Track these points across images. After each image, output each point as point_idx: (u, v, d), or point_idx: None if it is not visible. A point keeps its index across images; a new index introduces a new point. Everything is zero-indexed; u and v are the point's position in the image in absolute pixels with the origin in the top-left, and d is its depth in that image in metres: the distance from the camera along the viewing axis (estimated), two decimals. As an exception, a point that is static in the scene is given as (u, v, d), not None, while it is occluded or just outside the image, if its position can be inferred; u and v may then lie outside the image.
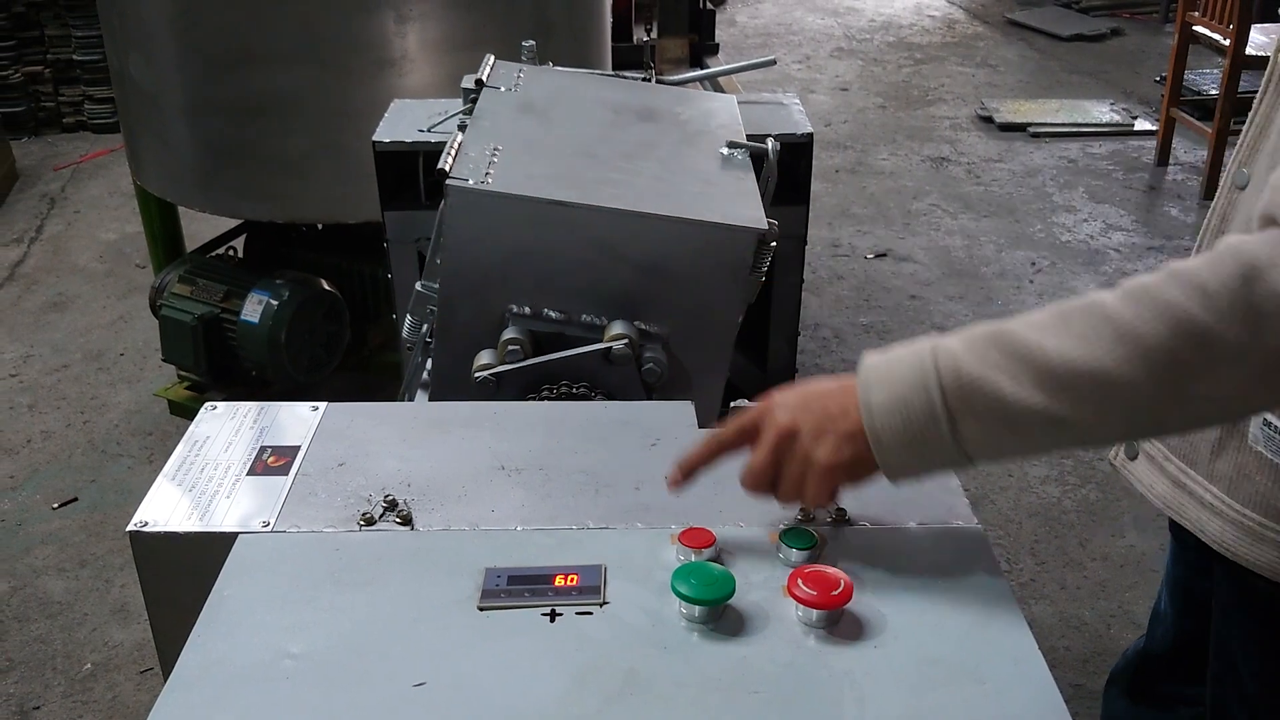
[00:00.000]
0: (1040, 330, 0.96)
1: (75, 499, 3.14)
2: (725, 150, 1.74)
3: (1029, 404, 0.94)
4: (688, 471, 1.10)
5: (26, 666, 2.58)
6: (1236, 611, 1.37)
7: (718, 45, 5.34)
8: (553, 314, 1.56)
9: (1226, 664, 1.41)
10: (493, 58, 1.96)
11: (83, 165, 5.48)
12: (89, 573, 2.86)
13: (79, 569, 2.88)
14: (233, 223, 3.59)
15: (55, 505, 3.11)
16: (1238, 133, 4.86)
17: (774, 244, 1.53)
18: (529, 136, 1.72)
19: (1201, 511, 1.30)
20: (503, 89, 1.86)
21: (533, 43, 2.10)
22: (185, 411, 3.28)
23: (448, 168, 1.51)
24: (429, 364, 1.80)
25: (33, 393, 3.65)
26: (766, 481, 1.05)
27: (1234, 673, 1.40)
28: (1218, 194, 1.34)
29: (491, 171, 1.53)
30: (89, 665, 2.58)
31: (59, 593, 2.80)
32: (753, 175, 1.69)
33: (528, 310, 1.55)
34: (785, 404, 1.05)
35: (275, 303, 3.12)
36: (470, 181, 1.50)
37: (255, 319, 3.12)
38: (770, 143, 1.76)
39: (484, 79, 1.87)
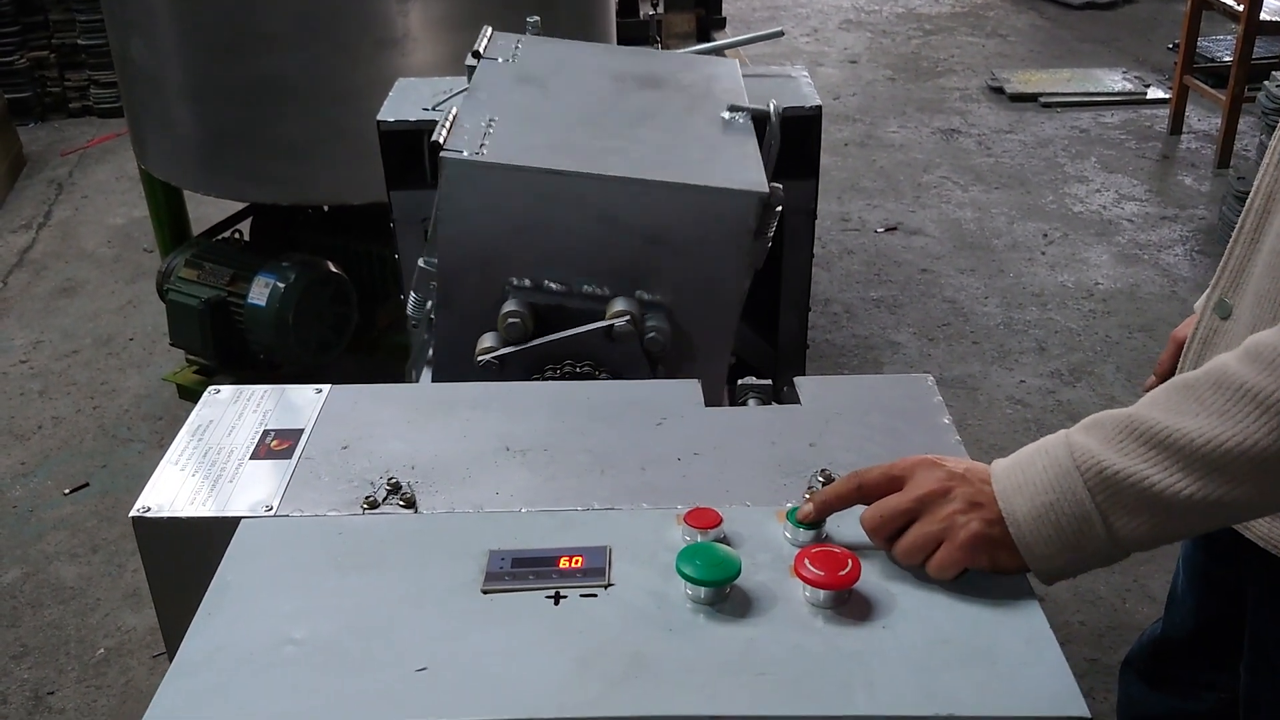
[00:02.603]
0: (1173, 412, 0.93)
1: (86, 484, 3.14)
2: (727, 114, 1.71)
3: (1183, 492, 0.91)
4: (823, 509, 1.04)
5: (40, 652, 2.59)
6: (1275, 603, 1.34)
7: (724, 19, 5.29)
8: (553, 285, 1.54)
9: (1261, 655, 1.38)
10: (490, 29, 1.93)
11: (89, 150, 5.48)
12: (101, 558, 2.87)
13: (91, 554, 2.88)
14: (239, 206, 3.58)
15: (67, 491, 3.12)
16: (1252, 99, 4.84)
17: (779, 208, 1.50)
18: (527, 107, 1.69)
19: None
20: (500, 60, 1.84)
21: (536, 19, 2.07)
22: (194, 396, 3.25)
23: (441, 140, 1.50)
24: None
25: (43, 379, 3.66)
26: (893, 528, 1.00)
27: (1269, 663, 1.37)
28: (1198, 319, 1.31)
29: (486, 143, 1.51)
30: (102, 650, 2.59)
31: (71, 578, 2.81)
32: (754, 139, 1.66)
33: (528, 283, 1.53)
34: (942, 466, 1.01)
35: (282, 285, 3.11)
36: (464, 153, 1.48)
37: (262, 302, 3.11)
38: (772, 104, 1.74)
39: (480, 50, 1.84)
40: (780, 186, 1.51)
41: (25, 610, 2.72)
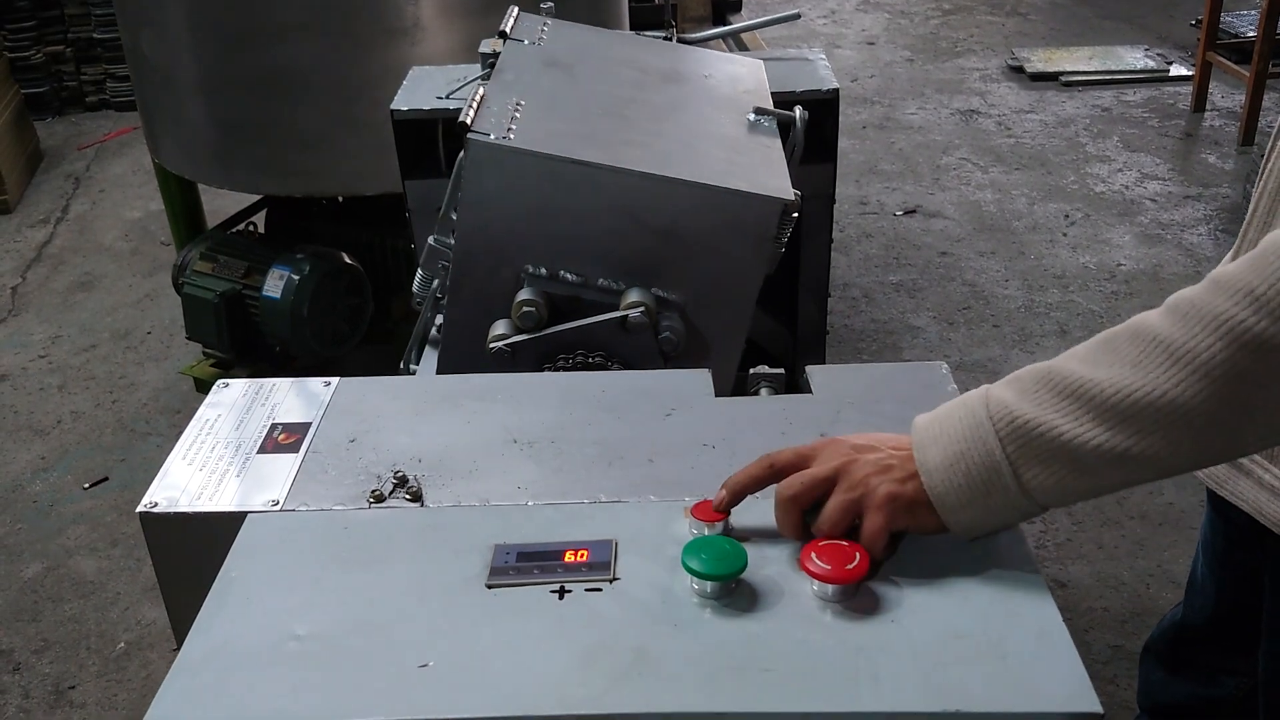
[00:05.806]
0: (1089, 363, 0.92)
1: (106, 478, 3.16)
2: (752, 116, 1.69)
3: (1091, 442, 0.90)
4: (737, 493, 1.04)
5: (61, 646, 2.60)
6: None
7: (740, 2, 5.25)
8: (570, 276, 1.52)
9: None
10: (516, 9, 1.91)
11: (106, 144, 5.49)
12: (121, 552, 2.88)
13: (111, 548, 2.90)
14: (253, 198, 3.58)
15: (86, 485, 3.13)
16: (1277, 75, 4.78)
17: (795, 214, 1.49)
18: (553, 93, 1.67)
19: (1260, 492, 1.25)
20: (526, 42, 1.82)
21: (551, 4, 2.05)
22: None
23: (469, 120, 1.47)
24: (438, 320, 1.78)
25: (62, 373, 3.67)
26: (812, 496, 1.00)
27: None
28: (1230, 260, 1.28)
29: (514, 127, 1.49)
30: (122, 644, 2.60)
31: (91, 572, 2.82)
32: (779, 143, 1.64)
33: (544, 272, 1.52)
34: (847, 442, 1.02)
35: (296, 277, 3.11)
36: (492, 136, 1.45)
37: (277, 294, 3.11)
38: (798, 110, 1.72)
39: (507, 31, 1.82)
40: (800, 193, 1.49)
41: (46, 605, 2.73)
